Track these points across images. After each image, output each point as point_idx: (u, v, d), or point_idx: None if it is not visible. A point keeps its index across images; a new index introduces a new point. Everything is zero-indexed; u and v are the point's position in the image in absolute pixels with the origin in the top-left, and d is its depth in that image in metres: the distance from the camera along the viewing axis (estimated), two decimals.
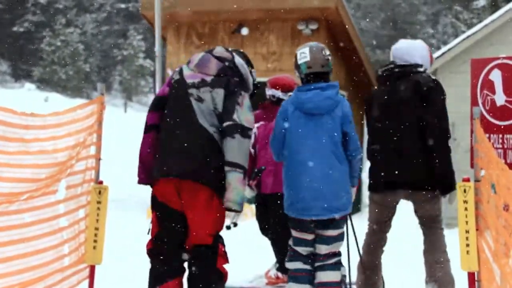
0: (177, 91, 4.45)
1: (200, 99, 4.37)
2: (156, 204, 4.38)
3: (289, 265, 4.86)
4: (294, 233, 4.86)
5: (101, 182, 4.94)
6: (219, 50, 4.62)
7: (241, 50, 4.95)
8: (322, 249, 4.78)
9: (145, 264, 6.91)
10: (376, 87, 5.50)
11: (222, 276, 4.36)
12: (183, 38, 15.12)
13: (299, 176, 4.71)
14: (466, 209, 4.42)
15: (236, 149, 4.26)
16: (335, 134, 4.74)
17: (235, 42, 14.83)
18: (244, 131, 4.31)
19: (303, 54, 4.90)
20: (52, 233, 4.50)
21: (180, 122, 4.35)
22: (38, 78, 51.17)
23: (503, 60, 5.28)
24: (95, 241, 4.81)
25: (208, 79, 4.43)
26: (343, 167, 4.76)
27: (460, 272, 4.50)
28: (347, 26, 14.86)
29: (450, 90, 13.44)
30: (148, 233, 4.47)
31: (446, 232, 5.27)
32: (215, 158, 4.29)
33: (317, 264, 4.80)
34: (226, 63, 4.53)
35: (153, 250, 4.40)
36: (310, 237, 4.82)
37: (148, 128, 4.54)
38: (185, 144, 4.28)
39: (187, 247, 4.37)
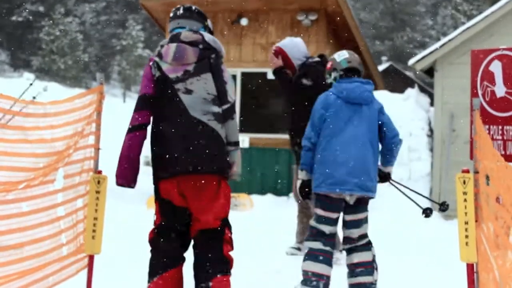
0: (164, 89, 4.38)
1: (188, 91, 4.35)
2: (159, 198, 4.40)
3: (310, 244, 5.09)
4: (320, 211, 5.11)
5: (100, 172, 4.93)
6: (187, 35, 4.47)
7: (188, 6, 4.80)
8: (354, 232, 5.10)
9: (144, 253, 6.91)
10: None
11: (228, 262, 4.36)
12: None
13: (337, 155, 5.04)
14: (465, 200, 4.41)
15: (235, 129, 4.44)
16: (373, 123, 5.18)
17: (234, 32, 14.82)
18: (235, 108, 4.49)
19: (341, 54, 5.40)
20: (50, 222, 4.49)
21: (174, 120, 4.31)
22: (37, 67, 51.16)
23: (503, 51, 5.26)
24: (94, 230, 4.80)
25: (190, 68, 4.40)
26: (376, 155, 5.16)
27: (459, 263, 4.50)
28: (346, 17, 14.86)
29: (449, 81, 13.55)
30: (153, 222, 4.49)
31: (445, 223, 5.28)
32: (215, 145, 4.32)
33: (348, 246, 5.12)
34: (200, 46, 4.45)
35: (154, 240, 4.41)
36: (335, 216, 5.12)
37: (137, 127, 4.37)
38: (185, 141, 4.26)
39: (192, 233, 4.39)
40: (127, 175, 4.36)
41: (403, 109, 14.97)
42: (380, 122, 5.20)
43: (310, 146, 5.17)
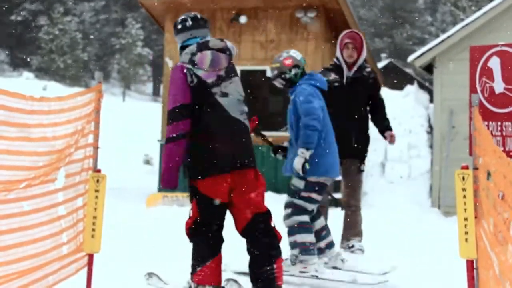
0: (202, 94, 4.76)
1: (224, 94, 4.80)
2: (199, 195, 4.76)
3: (300, 218, 5.75)
4: (315, 196, 5.79)
5: (99, 171, 4.92)
6: (216, 43, 4.88)
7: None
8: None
9: (144, 252, 6.92)
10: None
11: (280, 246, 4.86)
12: None
13: (330, 144, 5.80)
14: (464, 196, 4.41)
15: None
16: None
17: (233, 30, 14.81)
18: None
19: (296, 52, 5.98)
20: (51, 221, 4.48)
21: (219, 122, 4.75)
22: (36, 67, 51.13)
23: (502, 48, 5.26)
24: (93, 229, 4.79)
25: (222, 73, 4.84)
26: None
27: (459, 259, 4.50)
28: (345, 14, 14.83)
29: (449, 78, 13.54)
30: (189, 216, 4.86)
31: (445, 220, 5.28)
32: (251, 142, 4.95)
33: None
34: (227, 52, 4.91)
35: (196, 231, 4.80)
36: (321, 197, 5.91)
37: (182, 136, 4.72)
38: (232, 140, 4.77)
39: (243, 223, 4.83)
40: (175, 179, 4.78)
41: (403, 106, 14.97)
42: None
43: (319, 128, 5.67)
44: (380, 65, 35.22)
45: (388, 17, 57.14)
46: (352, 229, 6.97)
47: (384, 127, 7.13)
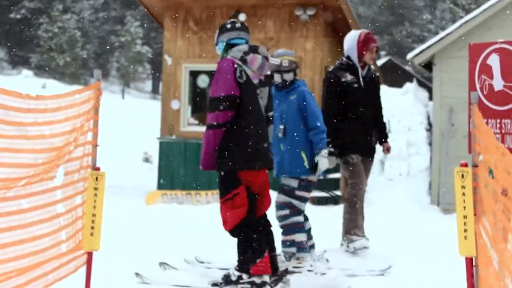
0: (250, 92, 5.20)
1: (261, 98, 5.34)
2: (243, 185, 5.13)
3: (298, 218, 6.13)
4: (306, 194, 6.17)
5: (98, 169, 4.91)
6: (263, 51, 5.32)
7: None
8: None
9: (143, 250, 6.91)
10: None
11: None
12: (180, 24, 15.07)
13: None
14: (464, 194, 4.41)
15: None
16: None
17: None
18: None
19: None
20: (50, 219, 4.48)
21: (261, 121, 5.28)
22: (35, 64, 51.08)
23: (501, 45, 5.26)
24: (92, 227, 4.79)
25: (262, 78, 5.36)
26: None
27: (458, 257, 4.50)
28: (344, 12, 14.81)
29: (448, 75, 13.53)
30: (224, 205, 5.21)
31: (444, 217, 5.27)
32: None
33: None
34: (266, 61, 5.37)
35: (248, 220, 5.14)
36: None
37: (223, 125, 5.10)
38: (268, 141, 5.37)
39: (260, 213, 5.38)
40: (213, 164, 5.18)
41: (402, 104, 14.96)
42: None
43: None
44: (379, 62, 35.20)
45: (387, 15, 57.11)
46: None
47: (384, 137, 7.26)
